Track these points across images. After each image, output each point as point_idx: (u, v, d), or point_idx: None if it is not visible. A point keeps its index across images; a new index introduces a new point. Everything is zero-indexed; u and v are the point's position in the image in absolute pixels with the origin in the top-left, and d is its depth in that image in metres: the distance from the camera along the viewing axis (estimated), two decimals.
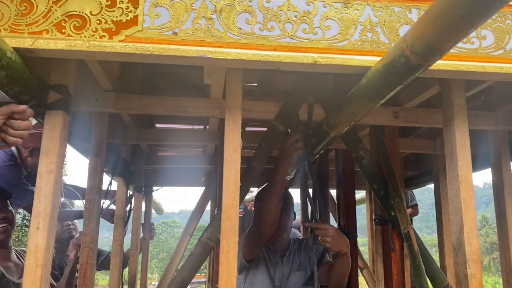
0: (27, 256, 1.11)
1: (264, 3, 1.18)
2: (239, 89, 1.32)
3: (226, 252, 1.17)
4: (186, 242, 2.81)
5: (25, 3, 1.09)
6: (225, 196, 1.22)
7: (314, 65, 1.16)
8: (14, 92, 1.10)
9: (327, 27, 1.19)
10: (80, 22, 1.09)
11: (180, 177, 3.30)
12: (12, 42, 1.05)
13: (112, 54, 1.09)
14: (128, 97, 1.60)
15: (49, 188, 1.15)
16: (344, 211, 2.31)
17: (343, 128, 1.45)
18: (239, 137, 1.27)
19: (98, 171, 1.65)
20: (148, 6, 1.13)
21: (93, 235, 1.56)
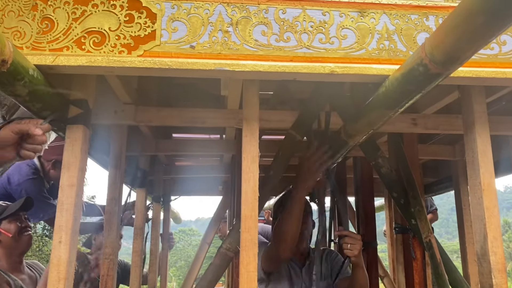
0: (50, 269, 1.12)
1: (279, 14, 1.18)
2: (256, 100, 1.32)
3: (246, 263, 1.17)
4: (204, 251, 2.82)
5: (46, 21, 1.12)
6: (243, 207, 1.22)
7: (331, 75, 1.16)
8: (36, 108, 1.13)
9: (344, 37, 1.19)
10: (99, 38, 1.11)
11: (197, 187, 3.31)
12: (34, 59, 1.08)
13: (131, 69, 1.11)
14: (146, 109, 1.61)
15: (71, 202, 1.16)
16: (363, 219, 2.29)
17: (361, 137, 1.44)
18: (257, 148, 1.27)
19: (117, 183, 1.66)
20: (165, 20, 1.14)
21: (114, 246, 1.57)
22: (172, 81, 2.23)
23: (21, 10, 1.12)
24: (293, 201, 1.69)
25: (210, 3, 1.16)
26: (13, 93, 1.01)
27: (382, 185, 3.01)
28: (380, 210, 3.74)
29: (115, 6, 1.13)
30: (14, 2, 1.13)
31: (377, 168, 1.74)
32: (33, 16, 1.12)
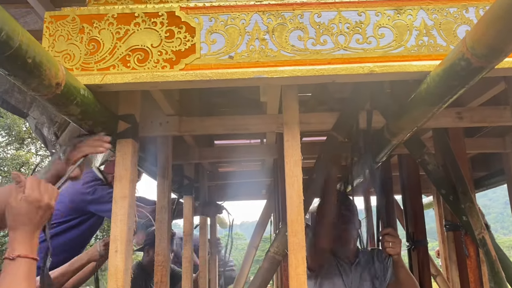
0: (109, 278, 1.18)
1: (315, 18, 1.19)
2: (295, 104, 1.33)
3: (295, 267, 1.18)
4: (252, 255, 2.85)
5: (93, 42, 1.18)
6: (289, 212, 1.23)
7: (371, 74, 1.15)
8: (88, 125, 1.19)
9: (381, 36, 1.18)
10: (143, 55, 1.16)
11: (241, 191, 3.36)
12: (84, 79, 1.14)
13: (174, 82, 1.15)
14: (189, 120, 1.67)
15: (124, 213, 1.22)
16: (411, 217, 2.24)
17: (405, 134, 1.42)
18: (299, 151, 1.28)
19: (166, 192, 1.72)
20: (204, 33, 1.18)
21: (165, 254, 1.63)
22: (211, 89, 2.29)
23: (70, 34, 1.19)
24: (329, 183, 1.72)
25: (246, 13, 1.19)
26: (67, 112, 1.08)
27: (429, 182, 2.94)
28: (428, 208, 3.64)
29: (155, 23, 1.18)
30: (63, 27, 1.20)
31: (423, 165, 1.70)
32: (81, 39, 1.19)
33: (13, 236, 1.01)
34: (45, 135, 2.88)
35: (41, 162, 12.94)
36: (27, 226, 1.01)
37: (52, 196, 1.06)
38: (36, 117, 2.84)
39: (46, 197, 1.04)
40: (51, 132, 2.88)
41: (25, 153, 12.49)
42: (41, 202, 1.03)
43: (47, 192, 1.05)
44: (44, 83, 0.91)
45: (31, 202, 1.01)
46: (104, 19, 1.19)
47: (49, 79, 0.92)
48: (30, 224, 1.02)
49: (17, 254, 0.98)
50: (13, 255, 0.98)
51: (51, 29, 1.20)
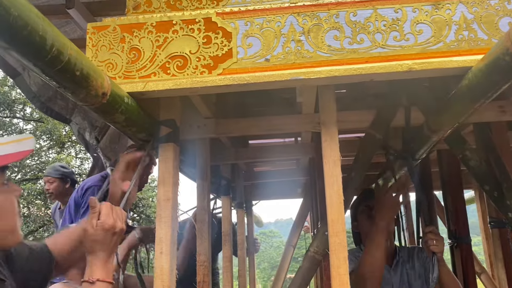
0: (155, 279, 1.22)
1: (350, 17, 1.18)
2: (332, 104, 1.33)
3: (336, 267, 1.19)
4: (290, 254, 2.86)
5: (134, 51, 1.22)
6: (329, 212, 1.23)
7: (409, 72, 1.14)
8: (131, 131, 1.24)
9: (419, 32, 1.16)
10: (182, 62, 1.19)
11: (276, 190, 3.37)
12: (126, 87, 1.18)
13: (213, 87, 1.17)
14: (225, 122, 1.69)
15: (168, 215, 1.26)
16: (453, 214, 2.19)
17: (446, 131, 1.40)
18: (338, 151, 1.28)
19: (205, 193, 1.76)
20: (240, 38, 1.19)
21: (207, 253, 1.66)
22: (245, 91, 2.31)
23: (111, 43, 1.24)
24: (376, 233, 1.69)
25: (281, 15, 1.20)
26: (112, 120, 1.12)
27: (470, 177, 2.86)
28: (470, 203, 3.54)
29: (193, 30, 1.21)
30: (105, 37, 1.25)
31: (464, 161, 1.66)
32: (122, 48, 1.23)
33: (91, 261, 1.09)
34: (87, 139, 3.00)
35: (81, 164, 13.37)
36: (103, 252, 1.09)
37: (123, 219, 1.14)
38: (78, 123, 2.96)
39: (119, 222, 1.12)
40: (92, 137, 3.00)
41: (65, 156, 12.95)
42: (116, 228, 1.10)
43: (119, 217, 1.12)
44: (91, 93, 0.95)
45: (107, 230, 1.09)
46: (143, 27, 1.23)
47: (95, 89, 0.96)
48: (106, 250, 1.09)
49: (97, 278, 1.06)
50: (92, 279, 1.05)
51: (93, 39, 1.25)
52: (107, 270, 1.08)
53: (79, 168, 13.29)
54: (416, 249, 2.03)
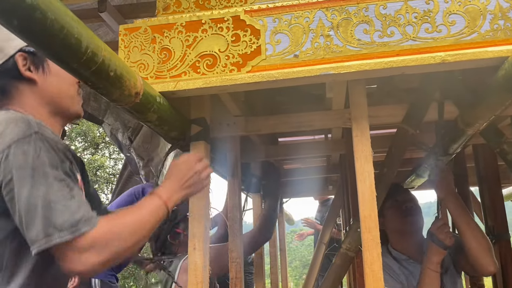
0: (189, 274, 1.24)
1: (380, 10, 1.17)
2: (363, 99, 1.32)
3: (370, 263, 1.17)
4: (322, 251, 2.84)
5: (164, 51, 1.24)
6: (362, 208, 1.22)
7: (442, 64, 1.11)
8: (164, 130, 1.26)
9: (452, 23, 1.13)
10: (211, 61, 1.20)
11: (307, 188, 3.36)
12: (158, 87, 1.21)
13: (242, 85, 1.18)
14: (255, 119, 1.70)
15: (201, 212, 1.28)
16: (490, 210, 2.12)
17: (482, 124, 1.35)
18: (369, 147, 1.27)
19: (236, 190, 1.77)
20: (268, 35, 1.20)
21: (239, 250, 1.68)
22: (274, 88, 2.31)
23: (143, 44, 1.27)
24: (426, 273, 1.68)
25: (309, 10, 1.19)
26: (145, 119, 1.15)
27: (508, 172, 2.76)
28: (508, 199, 3.42)
29: (222, 29, 1.22)
30: (137, 38, 1.27)
31: (502, 155, 1.61)
32: (153, 48, 1.26)
33: (163, 182, 1.18)
34: (120, 140, 3.07)
35: (115, 165, 13.71)
36: (174, 179, 1.18)
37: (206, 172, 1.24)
38: (111, 123, 3.03)
39: (200, 167, 1.22)
40: (125, 137, 3.07)
41: (100, 157, 13.29)
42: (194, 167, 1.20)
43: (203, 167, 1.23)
44: (125, 93, 0.98)
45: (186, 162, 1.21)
46: (173, 28, 1.25)
47: (129, 89, 0.98)
48: (177, 180, 1.17)
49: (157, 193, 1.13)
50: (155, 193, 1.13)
51: (125, 41, 1.28)
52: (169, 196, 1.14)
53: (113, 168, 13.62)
54: None
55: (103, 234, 0.97)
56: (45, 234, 0.92)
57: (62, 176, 0.98)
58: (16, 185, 0.95)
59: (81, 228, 0.94)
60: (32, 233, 0.93)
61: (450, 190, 1.74)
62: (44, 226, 0.93)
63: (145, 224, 1.06)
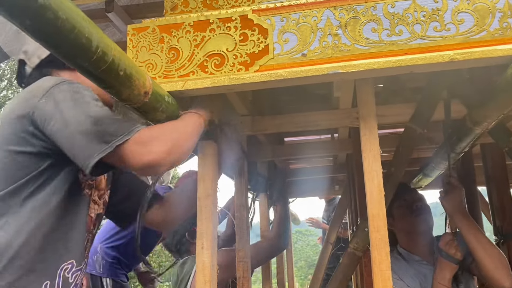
0: (197, 273, 1.24)
1: (388, 9, 1.16)
2: (371, 98, 1.32)
3: (378, 263, 1.17)
4: (328, 251, 2.84)
5: (173, 51, 1.25)
6: (370, 207, 1.22)
7: (451, 62, 1.11)
8: None
9: (460, 21, 1.13)
10: (219, 60, 1.21)
11: (313, 187, 3.35)
12: (166, 86, 1.21)
13: (250, 84, 1.18)
14: (261, 119, 1.70)
15: (208, 211, 1.28)
16: (498, 210, 2.11)
17: (490, 123, 1.35)
18: (377, 145, 1.26)
19: (243, 190, 1.77)
20: (276, 34, 1.20)
21: (246, 250, 1.68)
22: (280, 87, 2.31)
23: (151, 44, 1.27)
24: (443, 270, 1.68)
25: (317, 9, 1.19)
26: (154, 119, 1.15)
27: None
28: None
29: (229, 28, 1.22)
30: (145, 38, 1.28)
31: (510, 155, 1.60)
32: (161, 48, 1.26)
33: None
34: None
35: None
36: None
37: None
38: None
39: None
40: None
41: None
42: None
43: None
44: (134, 92, 0.98)
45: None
46: (181, 27, 1.25)
47: (138, 88, 0.99)
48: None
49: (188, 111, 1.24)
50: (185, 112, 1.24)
51: (134, 41, 1.28)
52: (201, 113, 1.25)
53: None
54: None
55: (159, 127, 1.11)
56: (104, 141, 1.02)
57: (101, 104, 1.11)
58: (62, 116, 1.05)
59: (135, 129, 1.05)
60: (89, 149, 1.02)
61: (459, 208, 1.72)
62: (100, 137, 1.02)
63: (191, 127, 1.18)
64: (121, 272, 2.79)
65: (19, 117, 1.10)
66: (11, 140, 1.10)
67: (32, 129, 1.09)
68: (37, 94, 1.10)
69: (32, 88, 1.15)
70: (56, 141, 1.07)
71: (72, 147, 1.05)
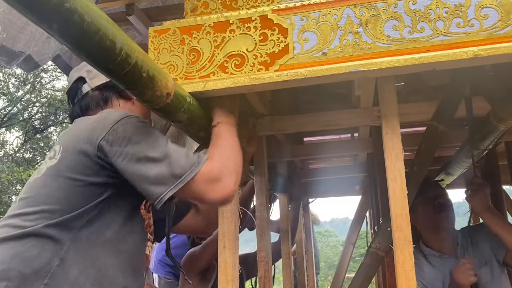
0: (219, 273, 1.25)
1: (410, 6, 1.15)
2: (393, 96, 1.30)
3: (402, 262, 1.16)
4: (350, 252, 2.82)
5: (193, 52, 1.26)
6: (393, 206, 1.20)
7: (475, 59, 1.09)
8: (193, 130, 1.28)
9: (484, 17, 1.11)
10: (239, 60, 1.21)
11: (333, 188, 3.33)
12: (188, 87, 1.22)
13: (270, 84, 1.19)
14: (281, 118, 1.70)
15: (230, 210, 1.29)
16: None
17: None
18: (400, 144, 1.25)
19: (263, 189, 1.78)
20: (296, 33, 1.20)
21: (267, 250, 1.68)
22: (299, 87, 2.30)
23: (172, 46, 1.29)
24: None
25: (338, 8, 1.19)
26: (176, 120, 1.16)
27: None
28: None
29: (249, 28, 1.23)
30: (166, 40, 1.30)
31: None
32: (182, 50, 1.27)
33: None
34: None
35: None
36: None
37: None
38: None
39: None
40: None
41: None
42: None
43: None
44: (156, 93, 0.99)
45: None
46: (201, 29, 1.26)
47: (160, 90, 1.00)
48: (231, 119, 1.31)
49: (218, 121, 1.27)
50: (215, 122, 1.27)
51: (155, 43, 1.30)
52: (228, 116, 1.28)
53: None
54: (477, 228, 1.93)
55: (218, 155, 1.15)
56: (175, 176, 1.06)
57: (166, 137, 1.16)
58: (132, 150, 1.08)
59: (201, 160, 1.10)
60: (161, 184, 1.06)
61: (487, 206, 1.71)
62: (171, 172, 1.06)
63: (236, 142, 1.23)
64: (167, 271, 2.88)
65: (86, 146, 1.12)
66: (75, 169, 1.12)
67: (100, 161, 1.10)
68: (106, 126, 1.12)
69: (99, 119, 1.17)
70: (125, 175, 1.09)
71: (142, 182, 1.08)
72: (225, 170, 1.12)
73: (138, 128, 1.12)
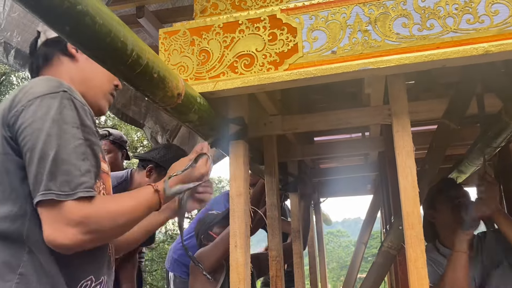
0: (231, 272, 1.26)
1: (419, 3, 1.15)
2: (403, 94, 1.30)
3: (414, 260, 1.15)
4: (361, 251, 2.81)
5: (203, 53, 1.27)
6: (404, 204, 1.20)
7: (486, 55, 1.08)
8: (204, 130, 1.29)
9: (495, 13, 1.10)
10: (249, 60, 1.22)
11: (344, 187, 3.32)
12: (198, 88, 1.23)
13: (279, 83, 1.19)
14: (291, 118, 1.70)
15: (241, 209, 1.29)
16: None
17: None
18: (411, 142, 1.25)
19: (274, 189, 1.78)
20: (305, 32, 1.20)
21: (278, 249, 1.68)
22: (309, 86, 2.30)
23: (182, 47, 1.30)
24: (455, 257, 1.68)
25: (346, 6, 1.19)
26: (187, 120, 1.17)
27: None
28: None
29: (258, 28, 1.23)
30: (176, 41, 1.31)
31: None
32: (192, 51, 1.29)
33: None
34: (159, 142, 3.15)
35: None
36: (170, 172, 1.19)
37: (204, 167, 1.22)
38: (150, 127, 3.11)
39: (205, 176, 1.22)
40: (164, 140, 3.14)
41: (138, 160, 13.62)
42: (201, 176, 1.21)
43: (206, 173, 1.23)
44: (167, 94, 1.01)
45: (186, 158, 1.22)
46: (211, 30, 1.27)
47: (171, 90, 1.01)
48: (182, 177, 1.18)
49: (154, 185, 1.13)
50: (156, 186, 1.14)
51: (165, 44, 1.31)
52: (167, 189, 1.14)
53: None
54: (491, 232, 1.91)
55: (95, 212, 0.98)
56: (45, 188, 0.95)
57: (80, 135, 1.01)
58: (33, 133, 0.98)
59: (78, 193, 0.96)
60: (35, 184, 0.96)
61: (496, 208, 1.70)
62: (47, 179, 0.95)
63: (137, 213, 1.07)
64: (183, 270, 2.92)
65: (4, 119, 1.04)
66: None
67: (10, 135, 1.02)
68: (22, 99, 1.02)
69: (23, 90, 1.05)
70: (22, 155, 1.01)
71: (28, 170, 0.98)
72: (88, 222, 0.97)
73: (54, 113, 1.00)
